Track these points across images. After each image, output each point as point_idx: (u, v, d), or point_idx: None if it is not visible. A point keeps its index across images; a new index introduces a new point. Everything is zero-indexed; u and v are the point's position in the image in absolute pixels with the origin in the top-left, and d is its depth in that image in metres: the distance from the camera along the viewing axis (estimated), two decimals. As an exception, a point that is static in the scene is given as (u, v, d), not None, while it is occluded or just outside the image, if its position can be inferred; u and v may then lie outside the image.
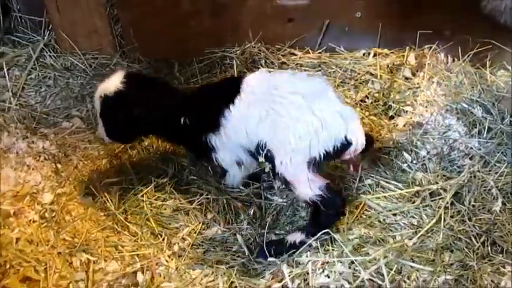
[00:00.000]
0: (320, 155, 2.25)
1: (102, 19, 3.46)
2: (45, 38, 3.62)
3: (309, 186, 2.26)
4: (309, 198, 2.28)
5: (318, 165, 2.27)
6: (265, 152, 2.30)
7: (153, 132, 2.70)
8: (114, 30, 3.55)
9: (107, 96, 2.46)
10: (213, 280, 2.28)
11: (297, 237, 2.34)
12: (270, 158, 2.30)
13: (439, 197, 2.50)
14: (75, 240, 2.47)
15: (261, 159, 2.35)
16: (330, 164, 2.64)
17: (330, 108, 2.27)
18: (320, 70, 3.47)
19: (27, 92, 3.41)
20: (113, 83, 2.47)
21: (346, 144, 2.27)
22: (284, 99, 2.28)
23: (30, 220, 2.59)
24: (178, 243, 2.47)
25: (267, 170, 2.38)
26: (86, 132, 3.16)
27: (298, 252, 2.31)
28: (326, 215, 2.31)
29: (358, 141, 2.29)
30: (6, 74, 3.41)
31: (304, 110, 2.25)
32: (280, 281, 2.21)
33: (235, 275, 2.26)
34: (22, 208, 2.64)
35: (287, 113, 2.26)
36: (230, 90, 2.41)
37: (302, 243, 2.32)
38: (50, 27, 3.62)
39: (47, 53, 3.57)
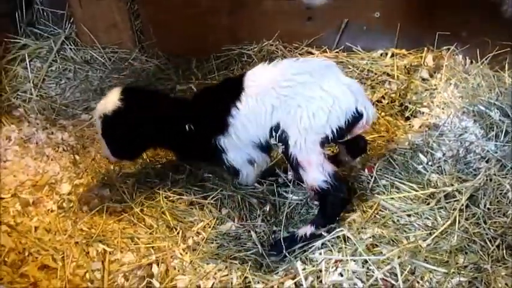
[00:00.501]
0: (333, 132, 2.26)
1: (122, 14, 3.51)
2: (67, 31, 3.70)
3: (319, 170, 2.27)
4: (318, 185, 2.28)
5: (331, 142, 2.36)
6: (279, 133, 2.30)
7: (159, 145, 2.68)
8: (134, 26, 3.61)
9: (107, 116, 2.45)
10: (227, 275, 2.30)
11: (307, 230, 2.35)
12: (284, 139, 2.30)
13: (454, 199, 2.49)
14: (92, 230, 2.52)
15: (274, 141, 2.35)
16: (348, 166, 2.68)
17: (338, 82, 2.30)
18: (337, 69, 3.47)
19: (48, 83, 3.48)
20: (111, 101, 2.45)
21: (358, 117, 2.28)
22: (292, 81, 2.30)
23: (49, 210, 2.65)
24: (192, 237, 2.49)
25: (280, 151, 2.38)
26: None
27: (310, 247, 2.32)
28: (333, 203, 2.32)
29: (369, 112, 2.31)
30: (28, 65, 3.48)
31: (313, 87, 2.27)
32: (293, 278, 2.22)
33: (249, 270, 2.28)
34: (41, 197, 2.71)
35: (298, 93, 2.28)
36: (233, 89, 2.41)
37: (313, 235, 2.34)
38: (71, 21, 3.69)
39: (67, 45, 3.64)
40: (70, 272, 2.31)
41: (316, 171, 2.28)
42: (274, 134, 2.33)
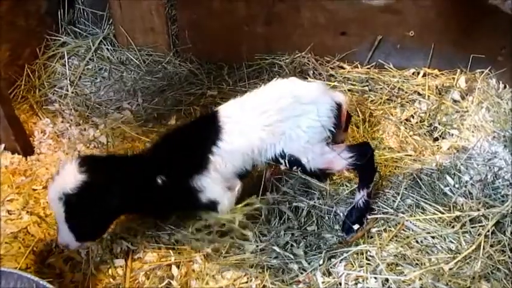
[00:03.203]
0: (331, 130, 2.41)
1: (160, 18, 3.59)
2: (105, 31, 3.78)
3: (340, 159, 2.42)
4: (348, 166, 2.45)
5: (332, 138, 2.45)
6: (287, 158, 2.40)
7: (127, 211, 2.43)
8: (171, 30, 3.67)
9: (70, 195, 2.07)
10: (246, 282, 2.33)
11: (362, 195, 2.49)
12: (295, 162, 2.41)
13: (480, 224, 2.47)
14: (117, 228, 2.56)
15: (284, 167, 2.45)
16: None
17: (310, 91, 2.43)
18: (367, 85, 3.48)
19: (84, 81, 3.57)
20: (70, 176, 2.09)
21: (339, 107, 2.45)
22: (271, 111, 2.36)
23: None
24: (214, 244, 2.50)
25: (300, 174, 2.51)
26: (133, 124, 3.26)
27: (331, 260, 2.34)
28: (366, 163, 2.45)
29: (342, 99, 2.50)
30: (66, 63, 3.58)
31: (293, 107, 2.37)
32: (312, 290, 2.24)
33: (268, 278, 2.29)
34: (70, 192, 2.77)
35: (283, 119, 2.36)
36: (207, 128, 2.40)
37: (369, 195, 2.50)
38: (110, 22, 3.77)
39: (104, 45, 3.73)
40: (94, 267, 2.37)
41: (340, 162, 2.42)
42: (283, 160, 2.40)
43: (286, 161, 2.40)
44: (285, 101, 2.37)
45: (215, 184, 2.39)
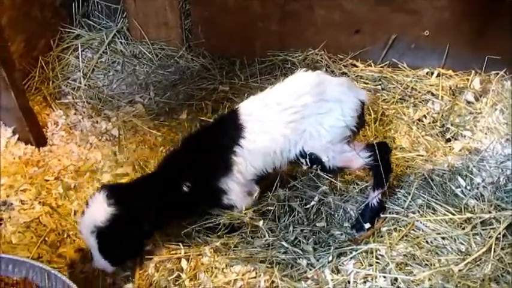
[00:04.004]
0: (353, 129, 2.39)
1: (174, 12, 3.59)
2: (119, 25, 3.80)
3: (359, 158, 2.39)
4: (366, 165, 2.42)
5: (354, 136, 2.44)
6: (308, 157, 2.37)
7: (161, 225, 2.45)
8: (184, 25, 3.68)
9: (102, 228, 2.13)
10: (255, 277, 2.33)
11: (374, 196, 2.46)
12: (315, 160, 2.38)
13: (491, 226, 2.45)
14: (128, 220, 2.58)
15: (305, 166, 2.42)
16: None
17: (335, 88, 2.37)
18: (380, 84, 3.46)
19: (97, 74, 3.59)
20: (99, 209, 2.15)
21: (362, 105, 2.41)
22: (294, 107, 2.32)
23: (89, 195, 2.73)
24: (224, 237, 2.52)
25: (319, 172, 2.46)
26: (145, 117, 3.28)
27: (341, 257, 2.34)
28: (382, 164, 2.42)
29: (365, 97, 2.45)
30: (80, 55, 3.61)
31: (317, 104, 2.31)
32: (320, 287, 2.23)
33: (277, 273, 2.30)
34: (82, 183, 2.81)
35: (305, 116, 2.32)
36: (229, 128, 2.38)
37: (383, 194, 2.48)
38: (124, 15, 3.78)
39: (118, 39, 3.74)
40: (104, 258, 2.39)
41: (358, 160, 2.41)
42: (303, 160, 2.38)
43: (308, 160, 2.38)
44: (309, 98, 2.31)
45: (238, 187, 2.41)
